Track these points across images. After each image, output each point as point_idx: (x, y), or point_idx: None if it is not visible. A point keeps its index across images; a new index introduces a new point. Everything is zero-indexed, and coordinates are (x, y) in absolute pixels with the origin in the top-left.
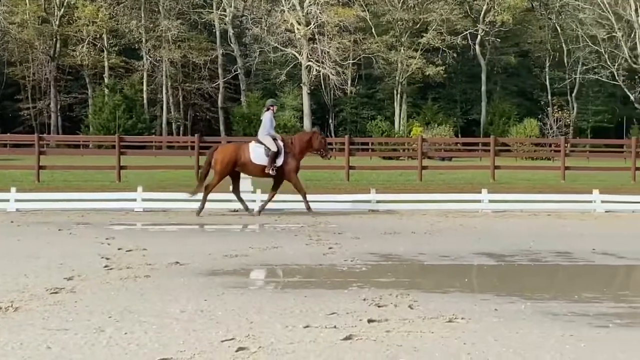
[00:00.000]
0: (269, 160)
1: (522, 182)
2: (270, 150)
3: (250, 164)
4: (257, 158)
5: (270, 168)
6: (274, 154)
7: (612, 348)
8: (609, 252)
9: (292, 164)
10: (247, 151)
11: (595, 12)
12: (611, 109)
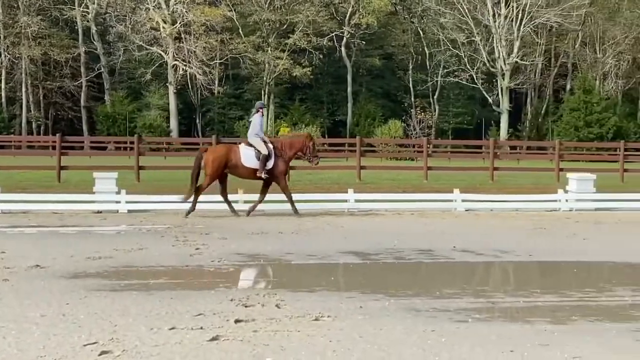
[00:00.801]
0: (260, 164)
1: (387, 182)
2: (261, 153)
3: (241, 166)
4: (248, 160)
5: (262, 171)
6: (265, 157)
7: (471, 342)
8: (469, 250)
9: (281, 167)
10: (238, 153)
11: (456, 17)
12: (471, 111)
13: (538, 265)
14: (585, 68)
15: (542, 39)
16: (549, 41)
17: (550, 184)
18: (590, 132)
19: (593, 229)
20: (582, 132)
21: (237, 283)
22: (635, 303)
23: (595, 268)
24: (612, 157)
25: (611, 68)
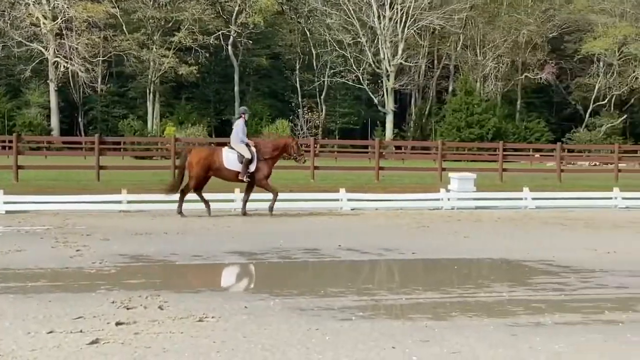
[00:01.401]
0: (242, 167)
1: (274, 182)
2: (244, 157)
3: (223, 169)
4: (230, 164)
5: (244, 175)
6: (247, 161)
7: (354, 339)
8: (354, 248)
9: (263, 170)
10: (221, 156)
11: (342, 18)
12: (357, 111)
13: (420, 262)
14: (466, 70)
15: (425, 41)
16: (432, 43)
17: (433, 184)
18: (471, 132)
19: (473, 227)
20: (464, 132)
21: (118, 285)
22: (512, 298)
23: (475, 265)
24: (492, 157)
25: (491, 70)
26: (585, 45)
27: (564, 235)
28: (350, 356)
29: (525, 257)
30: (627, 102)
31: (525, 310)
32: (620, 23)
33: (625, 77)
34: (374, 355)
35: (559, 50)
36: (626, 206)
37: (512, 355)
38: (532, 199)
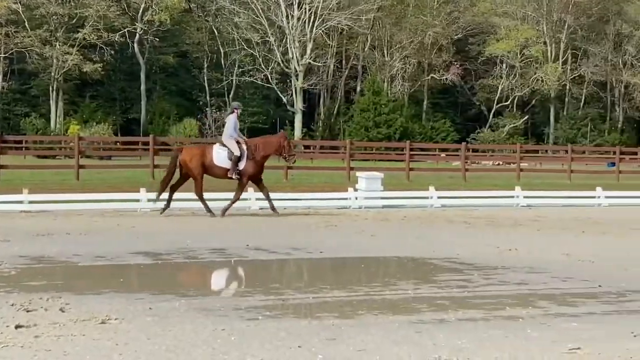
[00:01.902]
0: (232, 165)
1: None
2: (233, 154)
3: (214, 166)
4: (220, 161)
5: (233, 172)
6: (236, 159)
7: (261, 339)
8: (262, 248)
9: (250, 169)
10: (211, 153)
11: (250, 17)
12: (266, 111)
13: (328, 261)
14: (374, 70)
15: (333, 41)
16: (340, 43)
17: (342, 183)
18: (379, 132)
19: (380, 226)
20: (372, 132)
21: (18, 287)
22: (417, 296)
23: (382, 263)
24: (399, 156)
25: (398, 71)
26: (488, 47)
27: (468, 233)
28: (256, 356)
29: (430, 255)
30: (528, 103)
31: (430, 307)
32: (522, 26)
33: (526, 79)
34: (280, 355)
35: (463, 52)
36: (527, 204)
37: (416, 351)
38: (438, 197)
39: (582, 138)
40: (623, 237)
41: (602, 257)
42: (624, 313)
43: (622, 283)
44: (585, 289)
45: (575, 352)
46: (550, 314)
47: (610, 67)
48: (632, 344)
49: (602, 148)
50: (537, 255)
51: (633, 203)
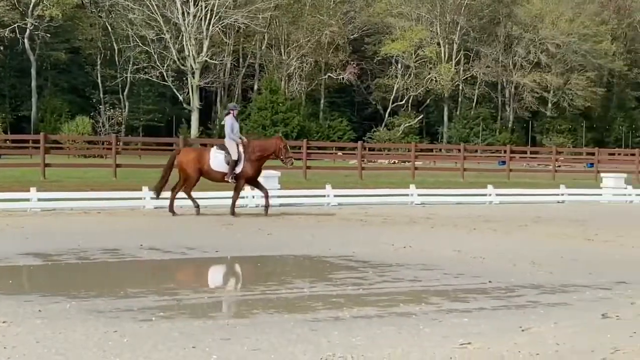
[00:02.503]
0: (229, 169)
1: (74, 180)
2: (231, 157)
3: (211, 171)
4: (217, 165)
5: (230, 176)
6: (233, 162)
7: (154, 340)
8: (156, 247)
9: (247, 171)
10: (208, 157)
11: (145, 14)
12: (161, 109)
13: (224, 260)
14: (271, 69)
15: (230, 39)
16: (237, 42)
17: None
18: (276, 130)
19: (277, 224)
20: (269, 130)
21: None
22: (312, 294)
23: (278, 262)
24: (297, 155)
25: (295, 70)
26: (384, 47)
27: (364, 231)
28: (149, 357)
29: (326, 253)
30: (423, 102)
31: (325, 305)
32: (416, 27)
33: (421, 79)
34: (173, 355)
35: (359, 52)
36: (422, 202)
37: (311, 349)
38: (335, 196)
39: (475, 137)
40: (512, 234)
41: (493, 253)
42: (513, 308)
43: (511, 278)
44: (476, 285)
45: (465, 347)
46: (443, 310)
47: (501, 68)
48: (519, 337)
49: (494, 147)
50: (430, 253)
51: (522, 201)
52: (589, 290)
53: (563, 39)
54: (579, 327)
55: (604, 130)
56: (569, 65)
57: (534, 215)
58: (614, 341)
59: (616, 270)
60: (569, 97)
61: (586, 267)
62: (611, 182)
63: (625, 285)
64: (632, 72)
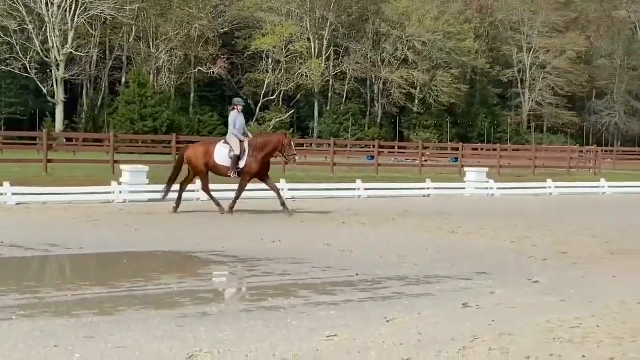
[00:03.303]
0: (232, 163)
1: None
2: (233, 152)
3: (216, 165)
4: (221, 159)
5: (232, 171)
6: (236, 157)
7: (14, 340)
8: (18, 245)
9: (250, 167)
10: (214, 151)
11: (7, 4)
12: (24, 102)
13: (89, 257)
14: (139, 62)
15: (97, 31)
16: (104, 33)
17: (106, 176)
18: (145, 125)
19: (145, 220)
20: (138, 125)
21: None
22: (180, 290)
23: (146, 258)
24: (166, 149)
25: (164, 63)
26: (254, 42)
27: (234, 226)
28: (9, 357)
29: (195, 249)
30: (294, 97)
31: (193, 300)
32: (287, 22)
33: (292, 74)
34: (34, 355)
35: (230, 46)
36: (292, 197)
37: (177, 345)
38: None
39: (345, 132)
40: (380, 227)
41: (361, 246)
42: (379, 299)
43: (378, 271)
44: (344, 278)
45: (332, 339)
46: (311, 303)
47: (370, 64)
48: (384, 328)
49: (363, 142)
50: (300, 246)
51: (390, 195)
52: (452, 281)
53: (429, 36)
54: (441, 317)
55: (467, 126)
56: (434, 63)
57: (401, 209)
58: (474, 330)
59: (478, 261)
60: (435, 94)
61: (449, 259)
62: (474, 176)
63: (486, 276)
64: (494, 69)
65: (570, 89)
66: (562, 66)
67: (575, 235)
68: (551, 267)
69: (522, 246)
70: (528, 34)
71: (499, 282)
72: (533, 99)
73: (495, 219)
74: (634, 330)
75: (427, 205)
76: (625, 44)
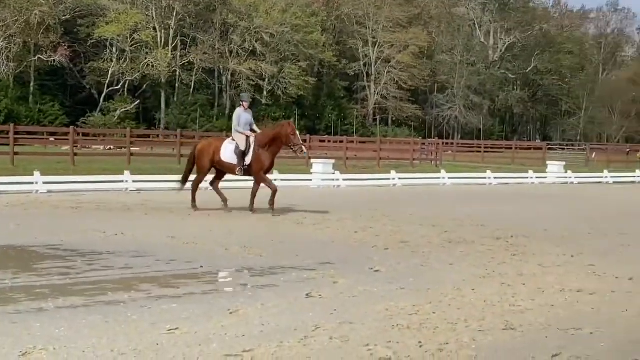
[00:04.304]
0: (237, 160)
1: None
2: (238, 149)
3: (222, 162)
4: (227, 156)
5: (239, 168)
6: (240, 153)
7: None
8: None
9: (259, 162)
10: (220, 148)
11: None
12: None
13: None
14: None
15: None
16: None
17: None
18: None
19: None
20: None
21: None
22: (15, 286)
23: None
24: (4, 140)
25: (2, 50)
26: (98, 30)
27: (75, 219)
28: None
29: (32, 243)
30: (140, 87)
31: (28, 296)
32: (132, 10)
33: (137, 64)
34: None
35: (72, 34)
36: (137, 189)
37: (10, 343)
38: (44, 183)
39: (192, 123)
40: (225, 219)
41: (206, 238)
42: (222, 291)
43: (223, 262)
44: (188, 271)
45: (173, 332)
46: (152, 297)
47: (218, 55)
48: (227, 320)
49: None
50: (143, 239)
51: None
52: (296, 272)
53: (277, 28)
54: (284, 307)
55: (315, 118)
56: (282, 55)
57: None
58: (316, 319)
59: (322, 251)
60: (283, 86)
61: (294, 250)
62: (320, 167)
63: (330, 266)
64: (340, 63)
65: (414, 83)
66: (406, 60)
67: (416, 225)
68: (392, 256)
69: (365, 236)
70: (373, 28)
71: (342, 271)
72: (378, 92)
73: (340, 210)
74: (467, 316)
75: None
76: (464, 40)
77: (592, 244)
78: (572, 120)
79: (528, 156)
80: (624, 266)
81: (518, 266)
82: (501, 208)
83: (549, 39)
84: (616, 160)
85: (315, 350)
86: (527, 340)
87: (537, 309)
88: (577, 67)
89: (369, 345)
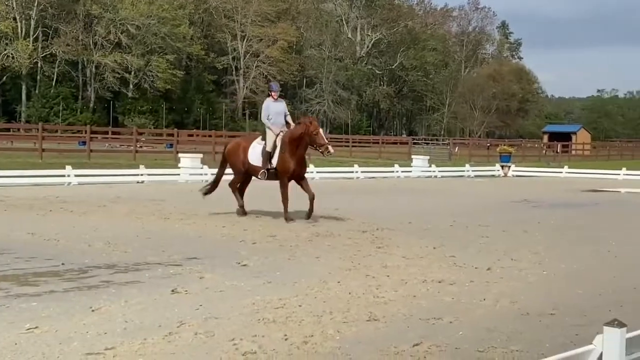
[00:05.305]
0: (262, 162)
1: None
2: (264, 149)
3: (249, 165)
4: (254, 159)
5: (262, 171)
6: (266, 155)
7: None
8: None
9: (283, 166)
10: (247, 148)
11: None
12: None
13: None
14: None
15: None
16: None
17: None
18: None
19: None
20: None
21: None
22: None
23: None
24: None
25: None
26: None
27: None
28: None
29: None
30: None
31: None
32: None
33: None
34: None
35: None
36: None
37: None
38: None
39: (55, 117)
40: (89, 215)
41: (68, 235)
42: (85, 289)
43: (86, 259)
44: (49, 268)
45: (32, 332)
46: (11, 295)
47: (81, 47)
48: (89, 318)
49: (75, 127)
50: (1, 237)
51: (102, 181)
52: (162, 267)
53: (143, 20)
54: (148, 304)
55: (183, 112)
56: (149, 47)
57: (113, 196)
58: (181, 315)
59: (189, 246)
60: (150, 79)
61: (160, 245)
62: (188, 162)
63: (197, 261)
64: (209, 56)
65: (283, 77)
66: (274, 55)
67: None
68: (260, 250)
69: (233, 230)
70: (242, 22)
71: (209, 266)
72: (247, 86)
73: (208, 204)
74: (332, 308)
75: (141, 191)
76: (332, 36)
77: (454, 235)
78: (436, 116)
79: (394, 150)
80: (483, 257)
81: (383, 258)
82: (368, 202)
83: (414, 36)
84: (477, 154)
85: (179, 346)
86: (390, 331)
87: (400, 299)
88: (441, 64)
89: (234, 340)
